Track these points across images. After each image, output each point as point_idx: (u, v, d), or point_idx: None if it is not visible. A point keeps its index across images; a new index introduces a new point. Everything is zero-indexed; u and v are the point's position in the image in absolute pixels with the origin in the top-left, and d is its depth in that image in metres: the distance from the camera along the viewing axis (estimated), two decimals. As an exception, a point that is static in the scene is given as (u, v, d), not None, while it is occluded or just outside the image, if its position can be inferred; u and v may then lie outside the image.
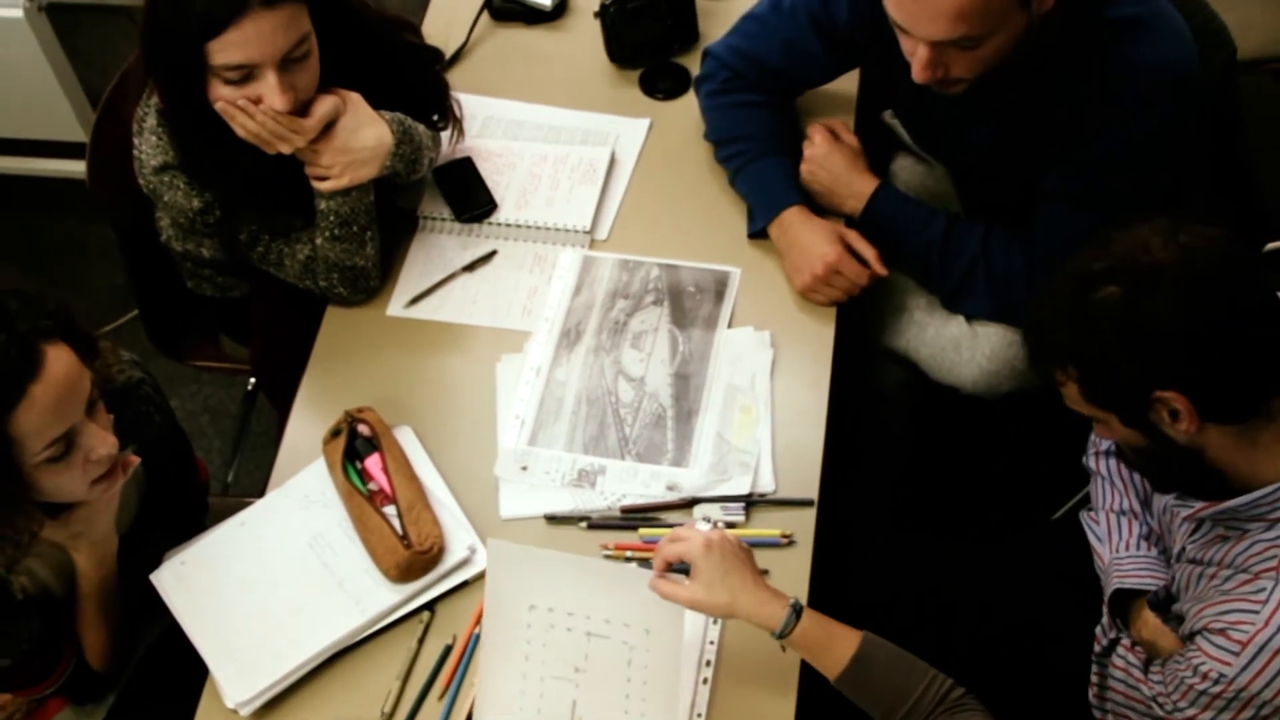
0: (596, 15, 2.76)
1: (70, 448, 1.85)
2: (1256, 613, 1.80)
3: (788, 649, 1.95)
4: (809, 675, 2.00)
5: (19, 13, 3.34)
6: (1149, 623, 2.09)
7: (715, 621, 2.09)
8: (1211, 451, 1.84)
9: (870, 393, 2.70)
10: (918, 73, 2.17)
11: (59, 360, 1.79)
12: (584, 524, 2.22)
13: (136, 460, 2.02)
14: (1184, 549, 2.01)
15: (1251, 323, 1.78)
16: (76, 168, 2.83)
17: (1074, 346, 1.82)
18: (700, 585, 1.91)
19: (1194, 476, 1.91)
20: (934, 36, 2.10)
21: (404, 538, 2.14)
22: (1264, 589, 1.81)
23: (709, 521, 2.16)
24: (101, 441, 1.88)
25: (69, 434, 1.83)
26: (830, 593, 2.16)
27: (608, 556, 2.17)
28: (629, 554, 2.17)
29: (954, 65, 2.16)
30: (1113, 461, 2.25)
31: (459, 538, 2.18)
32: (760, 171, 2.54)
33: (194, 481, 2.51)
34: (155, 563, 2.21)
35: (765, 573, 2.11)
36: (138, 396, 2.19)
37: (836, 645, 1.92)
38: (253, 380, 3.16)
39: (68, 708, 2.26)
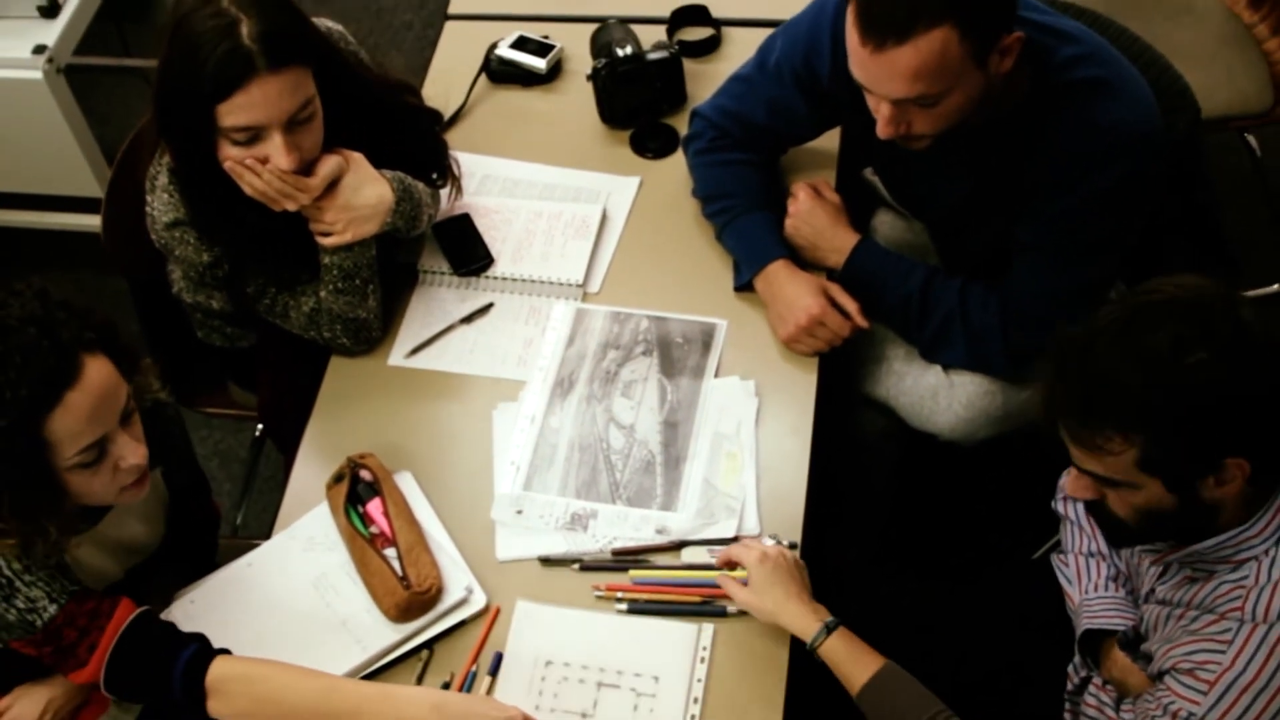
0: (589, 78, 2.78)
1: (102, 455, 1.89)
2: (1223, 652, 1.80)
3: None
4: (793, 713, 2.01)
5: (39, 74, 3.37)
6: (1119, 661, 2.09)
7: (702, 660, 2.10)
8: (1227, 506, 1.83)
9: (852, 439, 2.70)
10: (881, 129, 2.20)
11: (97, 370, 1.84)
12: (577, 565, 2.22)
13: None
14: (1153, 590, 2.01)
15: None
16: (92, 222, 2.85)
17: (1157, 413, 1.72)
18: (753, 590, 2.10)
19: (1192, 530, 1.89)
20: (894, 94, 2.13)
21: (404, 579, 2.14)
22: (1230, 629, 1.81)
23: (775, 539, 2.22)
24: (132, 451, 1.92)
25: (101, 441, 1.87)
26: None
27: (599, 598, 2.18)
28: (620, 595, 2.17)
29: (915, 122, 2.19)
30: (1080, 505, 2.26)
31: (456, 579, 2.18)
32: (746, 226, 2.55)
33: (209, 509, 2.52)
34: (166, 600, 2.22)
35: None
36: (164, 417, 2.21)
37: (861, 664, 2.03)
38: (260, 427, 3.16)
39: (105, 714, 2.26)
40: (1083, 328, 1.78)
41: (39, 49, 3.37)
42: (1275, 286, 3.52)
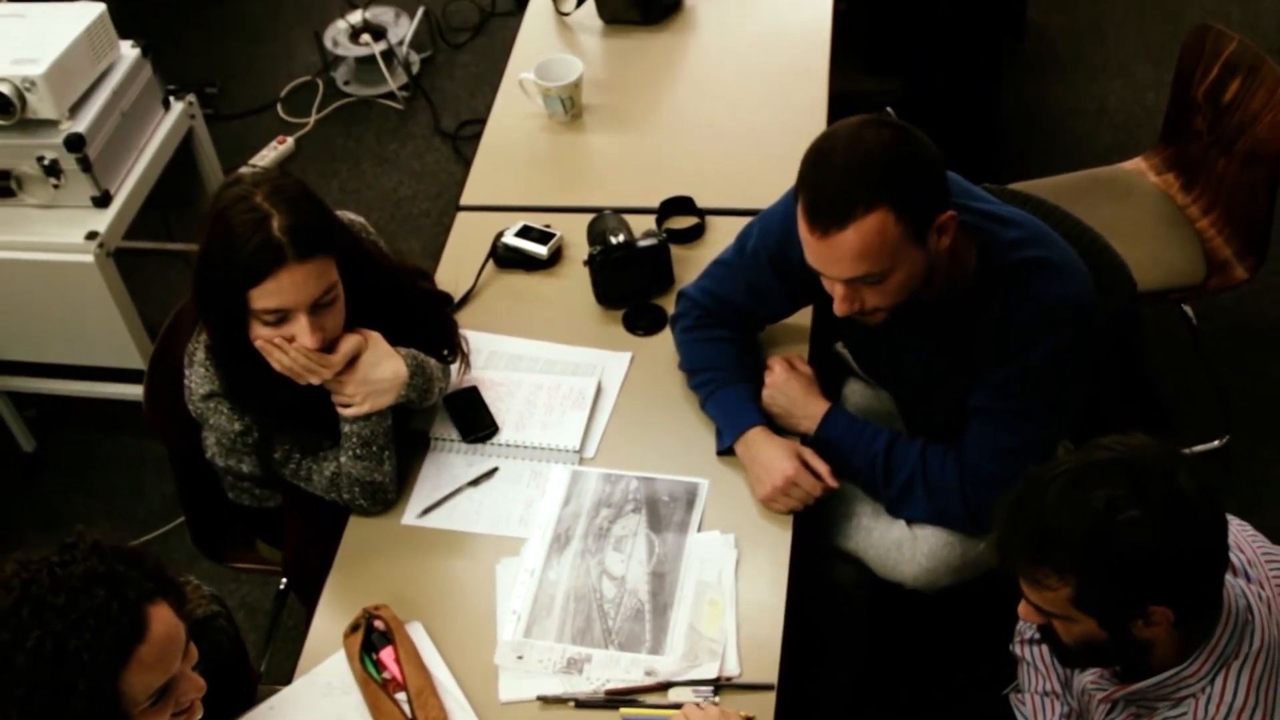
0: (585, 263, 2.82)
1: (167, 694, 1.84)
2: (1165, 781, 1.83)
3: None
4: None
5: (90, 258, 3.42)
6: (1071, 792, 2.11)
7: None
8: (1159, 645, 1.86)
9: (827, 588, 2.71)
10: (837, 307, 2.25)
11: (161, 620, 1.79)
12: (573, 704, 2.23)
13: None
14: (1102, 726, 2.04)
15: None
16: (135, 391, 2.87)
17: (1089, 562, 1.75)
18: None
19: (1128, 661, 1.93)
20: (843, 275, 2.19)
21: (413, 721, 2.17)
22: (1171, 762, 1.84)
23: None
24: (193, 687, 1.88)
25: (168, 683, 1.83)
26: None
27: (592, 740, 2.20)
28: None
29: (868, 298, 2.24)
30: (1036, 648, 2.28)
31: (461, 720, 2.20)
32: (727, 396, 2.58)
33: (246, 687, 2.50)
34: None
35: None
36: (213, 628, 2.20)
37: None
38: (284, 580, 3.17)
39: None
40: (1040, 475, 1.81)
41: (91, 235, 3.43)
42: (1215, 443, 3.57)
